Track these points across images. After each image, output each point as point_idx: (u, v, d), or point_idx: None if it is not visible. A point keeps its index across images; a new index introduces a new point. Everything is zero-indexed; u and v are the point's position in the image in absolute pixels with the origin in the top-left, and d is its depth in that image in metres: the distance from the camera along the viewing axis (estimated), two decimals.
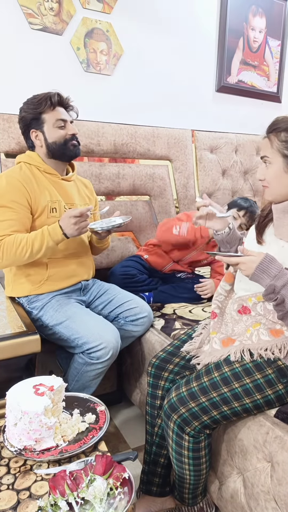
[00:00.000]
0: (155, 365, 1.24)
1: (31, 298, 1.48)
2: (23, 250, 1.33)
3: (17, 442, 0.92)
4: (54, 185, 1.49)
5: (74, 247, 1.53)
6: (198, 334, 1.26)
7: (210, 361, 1.09)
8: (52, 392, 0.96)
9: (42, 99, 1.43)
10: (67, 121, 1.47)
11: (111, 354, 1.36)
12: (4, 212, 1.36)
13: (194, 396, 1.05)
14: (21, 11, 1.79)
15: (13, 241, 1.32)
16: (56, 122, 1.45)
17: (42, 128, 1.45)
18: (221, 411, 1.03)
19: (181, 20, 2.24)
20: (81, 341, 1.36)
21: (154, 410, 1.24)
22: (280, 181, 1.04)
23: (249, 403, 1.02)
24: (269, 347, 1.04)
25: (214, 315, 1.21)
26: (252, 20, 2.49)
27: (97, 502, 0.76)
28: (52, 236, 1.35)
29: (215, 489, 1.18)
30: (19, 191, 1.39)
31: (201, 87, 2.43)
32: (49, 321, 1.42)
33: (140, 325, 1.56)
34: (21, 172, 1.44)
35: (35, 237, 1.34)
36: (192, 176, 2.33)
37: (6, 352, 1.16)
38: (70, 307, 1.44)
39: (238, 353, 1.05)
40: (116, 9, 2.02)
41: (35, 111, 1.44)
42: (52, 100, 1.43)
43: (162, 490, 1.25)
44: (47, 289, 1.48)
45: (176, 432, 1.06)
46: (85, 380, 1.41)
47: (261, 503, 1.00)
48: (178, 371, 1.22)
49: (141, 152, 2.11)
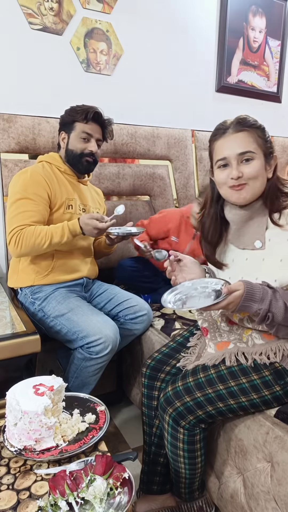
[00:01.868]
0: (150, 366, 1.24)
1: (34, 288, 1.52)
2: (42, 241, 1.39)
3: (17, 442, 0.92)
4: (71, 185, 1.59)
5: (80, 243, 1.59)
6: (193, 344, 1.24)
7: (207, 363, 1.08)
8: (52, 392, 0.96)
9: (82, 110, 1.52)
10: (92, 136, 1.54)
11: (110, 348, 1.38)
12: (26, 204, 1.44)
13: (189, 390, 1.05)
14: (21, 11, 1.79)
15: (33, 231, 1.39)
16: (82, 133, 1.53)
17: (70, 133, 1.55)
18: (216, 407, 1.03)
19: (181, 20, 2.24)
20: (81, 335, 1.38)
21: (151, 411, 1.24)
22: (261, 179, 1.01)
23: (245, 401, 1.02)
24: (264, 351, 1.03)
25: (206, 332, 1.17)
26: (252, 20, 2.49)
27: (97, 502, 0.76)
28: (72, 232, 1.43)
29: (215, 489, 1.18)
30: (41, 185, 1.48)
31: (201, 87, 2.43)
32: (51, 312, 1.45)
33: (140, 323, 1.57)
34: (43, 169, 1.53)
35: (55, 230, 1.42)
36: (192, 176, 2.33)
37: (6, 352, 1.17)
38: (73, 300, 1.48)
39: (233, 357, 1.05)
40: (116, 9, 2.02)
41: (71, 117, 1.53)
42: (88, 114, 1.51)
43: (163, 488, 1.25)
44: (51, 280, 1.52)
45: (171, 425, 1.06)
46: (85, 376, 1.42)
47: (261, 503, 1.00)
48: (175, 372, 1.21)
49: (141, 152, 2.11)
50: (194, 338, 1.26)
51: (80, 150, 1.54)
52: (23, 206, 1.43)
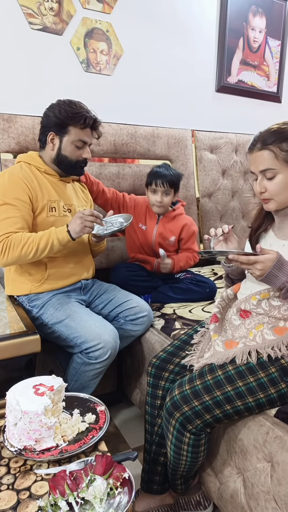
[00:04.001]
0: (155, 365, 1.24)
1: (31, 296, 1.48)
2: (29, 248, 1.33)
3: (17, 442, 0.92)
4: (53, 185, 1.51)
5: (73, 247, 1.53)
6: (197, 341, 1.25)
7: (215, 363, 1.08)
8: (52, 392, 0.96)
9: (78, 115, 1.43)
10: (87, 144, 1.50)
11: (110, 354, 1.37)
12: (8, 210, 1.37)
13: (197, 394, 1.04)
14: (21, 11, 1.79)
15: (20, 238, 1.33)
16: (78, 141, 1.47)
17: (62, 137, 1.46)
18: (224, 410, 1.03)
19: (181, 20, 2.24)
20: (79, 340, 1.36)
21: (154, 410, 1.24)
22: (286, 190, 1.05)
23: (252, 401, 1.02)
24: (275, 345, 1.04)
25: (216, 319, 1.21)
26: (252, 20, 2.49)
27: (97, 502, 0.76)
28: (58, 233, 1.36)
29: (215, 489, 1.18)
30: (21, 188, 1.40)
31: (201, 87, 2.43)
32: (49, 319, 1.43)
33: (140, 325, 1.56)
34: (22, 170, 1.45)
35: (42, 235, 1.36)
36: (192, 176, 2.33)
37: (6, 352, 1.16)
38: (70, 306, 1.45)
39: (245, 355, 1.05)
40: (116, 9, 2.02)
41: (64, 120, 1.43)
42: (86, 122, 1.44)
43: (163, 487, 1.26)
44: (48, 288, 1.49)
45: (178, 429, 1.06)
46: (84, 380, 1.41)
47: (261, 503, 1.00)
48: (179, 371, 1.22)
49: (141, 152, 2.11)
50: (198, 335, 1.26)
51: (76, 158, 1.48)
52: (5, 212, 1.36)
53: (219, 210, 2.48)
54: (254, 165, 1.07)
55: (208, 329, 1.24)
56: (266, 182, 1.05)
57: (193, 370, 1.14)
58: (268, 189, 1.05)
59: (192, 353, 1.21)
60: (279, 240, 1.12)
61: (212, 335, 1.16)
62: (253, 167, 1.07)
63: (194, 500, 1.22)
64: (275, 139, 1.01)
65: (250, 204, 2.61)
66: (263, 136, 1.04)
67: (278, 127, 1.03)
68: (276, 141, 1.01)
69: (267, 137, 1.03)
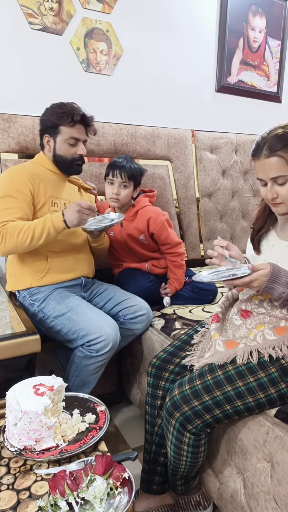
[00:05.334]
0: (155, 365, 1.24)
1: (32, 290, 1.51)
2: (25, 235, 1.36)
3: (17, 442, 0.92)
4: (58, 183, 1.56)
5: (72, 241, 1.58)
6: (197, 341, 1.24)
7: (216, 362, 1.08)
8: (52, 392, 0.96)
9: (65, 113, 1.47)
10: (80, 140, 1.53)
11: (111, 346, 1.38)
12: (8, 201, 1.42)
13: (197, 394, 1.04)
14: (21, 11, 1.79)
15: (16, 226, 1.36)
16: (70, 139, 1.50)
17: (55, 138, 1.51)
18: (224, 410, 1.03)
19: (181, 20, 2.24)
20: (82, 333, 1.38)
21: (154, 410, 1.24)
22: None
23: (252, 401, 1.02)
24: (276, 345, 1.04)
25: (217, 319, 1.21)
26: (252, 20, 2.49)
27: (97, 502, 0.76)
28: (54, 221, 1.38)
29: (215, 489, 1.18)
30: (23, 182, 1.45)
31: (201, 87, 2.43)
32: (51, 312, 1.45)
33: (139, 323, 1.57)
34: (27, 166, 1.52)
35: (37, 223, 1.38)
36: (192, 176, 2.33)
37: (6, 352, 1.17)
38: (72, 300, 1.48)
39: (246, 355, 1.05)
40: (116, 9, 2.02)
41: (55, 120, 1.48)
42: (74, 118, 1.47)
43: (162, 487, 1.26)
44: (49, 281, 1.52)
45: (178, 429, 1.06)
46: (85, 375, 1.42)
47: (261, 503, 1.00)
48: (179, 371, 1.22)
49: (141, 152, 2.11)
50: (198, 335, 1.26)
51: (70, 156, 1.52)
52: (5, 203, 1.41)
53: (219, 210, 2.48)
54: (262, 172, 1.05)
55: (208, 329, 1.24)
56: (278, 188, 1.04)
57: (194, 370, 1.14)
58: (280, 194, 1.04)
59: (192, 353, 1.21)
60: (281, 241, 1.13)
61: (212, 335, 1.16)
62: (262, 174, 1.05)
63: (194, 500, 1.22)
64: (284, 145, 0.99)
65: (250, 204, 2.61)
66: (268, 141, 1.01)
67: (284, 131, 1.01)
68: (285, 146, 0.99)
69: (274, 143, 1.00)
